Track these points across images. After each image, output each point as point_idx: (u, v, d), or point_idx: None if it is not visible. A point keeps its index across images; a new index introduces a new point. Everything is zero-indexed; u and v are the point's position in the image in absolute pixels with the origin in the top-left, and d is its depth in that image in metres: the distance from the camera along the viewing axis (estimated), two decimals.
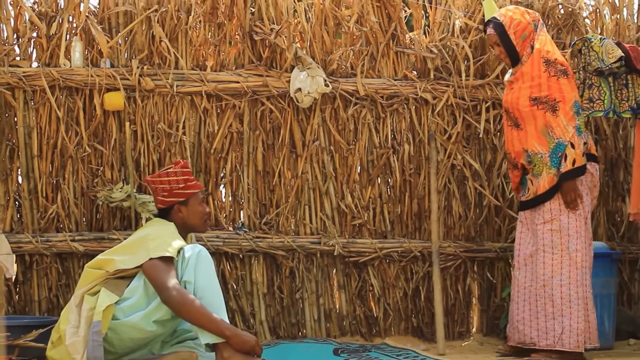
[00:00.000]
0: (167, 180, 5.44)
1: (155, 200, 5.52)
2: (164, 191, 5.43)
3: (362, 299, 6.89)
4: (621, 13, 7.24)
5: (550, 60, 6.08)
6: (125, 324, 5.06)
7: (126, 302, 5.09)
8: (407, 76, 6.91)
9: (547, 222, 6.07)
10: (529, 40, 6.13)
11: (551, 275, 6.04)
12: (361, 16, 6.86)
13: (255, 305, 6.72)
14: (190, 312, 4.98)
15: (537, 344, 6.08)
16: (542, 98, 6.03)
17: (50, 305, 6.49)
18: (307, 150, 6.78)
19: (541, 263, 6.08)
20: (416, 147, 6.94)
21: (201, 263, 5.13)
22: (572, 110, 6.00)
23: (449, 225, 6.99)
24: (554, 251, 6.05)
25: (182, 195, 5.44)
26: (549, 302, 6.05)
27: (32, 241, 6.40)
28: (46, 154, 6.49)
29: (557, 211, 6.06)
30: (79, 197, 6.53)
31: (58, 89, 6.48)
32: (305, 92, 6.58)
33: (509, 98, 6.19)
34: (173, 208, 5.44)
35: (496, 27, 6.14)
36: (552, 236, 6.06)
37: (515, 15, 6.16)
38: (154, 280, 5.04)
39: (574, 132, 5.99)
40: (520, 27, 6.12)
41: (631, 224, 7.09)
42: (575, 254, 6.04)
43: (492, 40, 6.21)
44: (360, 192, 6.87)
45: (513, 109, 6.14)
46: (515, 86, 6.16)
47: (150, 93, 6.57)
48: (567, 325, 5.99)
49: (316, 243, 6.75)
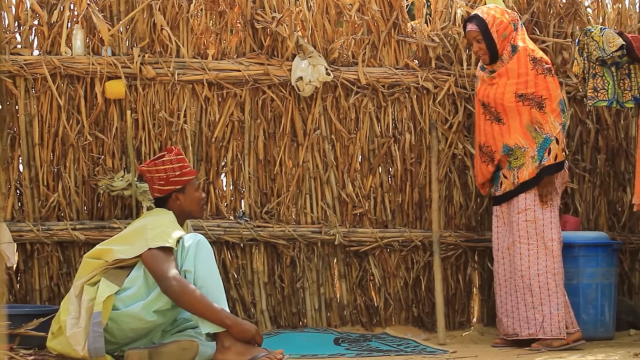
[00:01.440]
0: (164, 169, 5.43)
1: (152, 189, 5.52)
2: (160, 180, 5.42)
3: (362, 289, 6.89)
4: (623, 2, 7.24)
5: (537, 59, 6.25)
6: (126, 314, 5.06)
7: (126, 292, 5.09)
8: (409, 65, 6.90)
9: (522, 212, 6.20)
10: (508, 39, 6.27)
11: (528, 265, 6.20)
12: (363, 5, 6.85)
13: (256, 295, 6.71)
14: (190, 301, 4.98)
15: (520, 334, 6.19)
16: (529, 95, 6.20)
17: (51, 294, 6.48)
18: (308, 139, 6.77)
19: (518, 254, 6.22)
20: (417, 136, 6.94)
21: (201, 252, 5.13)
22: (558, 107, 6.19)
23: (449, 214, 6.99)
24: (530, 242, 6.21)
25: (179, 182, 5.45)
26: (527, 292, 6.19)
27: (33, 230, 6.39)
28: (47, 142, 6.48)
29: (531, 201, 6.20)
30: (80, 186, 6.52)
31: (59, 77, 6.47)
32: (306, 81, 6.57)
33: (490, 93, 6.31)
34: (171, 196, 5.46)
35: (479, 25, 6.26)
36: (527, 227, 6.22)
37: (497, 14, 6.30)
38: (153, 271, 5.04)
39: (560, 128, 6.19)
40: (502, 27, 6.26)
41: (632, 214, 7.09)
42: (551, 243, 6.18)
43: (472, 36, 6.32)
44: (361, 182, 6.87)
45: (496, 104, 6.28)
46: (499, 82, 6.28)
47: (151, 81, 6.55)
48: (547, 313, 6.13)
49: (317, 232, 6.75)
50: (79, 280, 5.18)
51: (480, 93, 6.40)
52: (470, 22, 6.32)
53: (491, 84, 6.32)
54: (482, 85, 6.40)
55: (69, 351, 5.11)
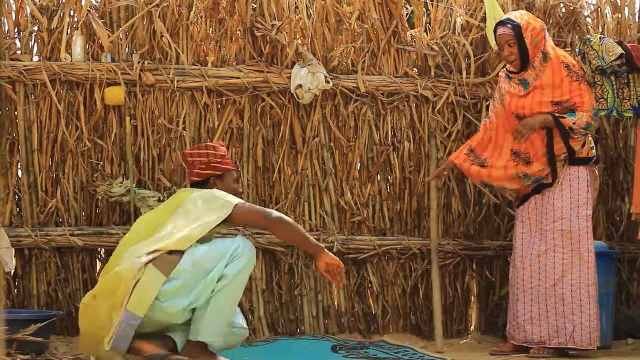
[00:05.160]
0: (206, 154, 5.61)
1: (191, 174, 5.63)
2: (201, 164, 5.56)
3: (361, 296, 6.89)
4: (623, 12, 7.24)
5: (570, 66, 6.23)
6: (163, 310, 5.04)
7: (171, 284, 5.04)
8: (408, 74, 6.91)
9: (557, 221, 6.14)
10: (539, 47, 6.20)
11: (562, 275, 6.14)
12: (363, 13, 6.86)
13: (254, 302, 6.71)
14: (290, 231, 5.34)
15: (549, 342, 6.14)
16: (564, 102, 6.18)
17: (49, 300, 6.48)
18: (307, 147, 6.77)
19: (551, 263, 6.17)
20: (416, 145, 6.94)
21: (245, 270, 5.27)
22: (591, 112, 6.18)
23: (448, 223, 6.99)
24: (565, 251, 6.16)
25: (220, 169, 5.60)
26: (559, 301, 6.14)
27: (32, 235, 6.39)
28: (46, 148, 6.49)
29: (568, 211, 6.14)
30: (79, 192, 6.53)
31: (59, 83, 6.48)
32: (306, 89, 6.57)
33: (526, 104, 6.24)
34: (209, 181, 5.58)
35: (515, 29, 6.16)
36: (562, 237, 6.17)
37: (531, 20, 6.25)
38: (250, 219, 5.33)
39: (585, 123, 6.16)
40: (535, 33, 6.19)
41: (631, 223, 7.08)
42: (587, 254, 6.15)
43: (504, 40, 6.20)
44: (360, 189, 6.87)
45: (532, 113, 6.20)
46: (535, 92, 6.21)
47: (151, 88, 6.56)
48: (578, 323, 6.09)
49: (316, 240, 6.73)
50: (142, 251, 5.15)
51: (513, 106, 6.28)
52: (503, 25, 6.21)
53: (524, 95, 6.25)
54: (512, 98, 6.30)
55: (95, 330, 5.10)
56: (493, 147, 6.41)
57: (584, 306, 6.09)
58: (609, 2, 7.29)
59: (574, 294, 6.11)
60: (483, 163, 6.37)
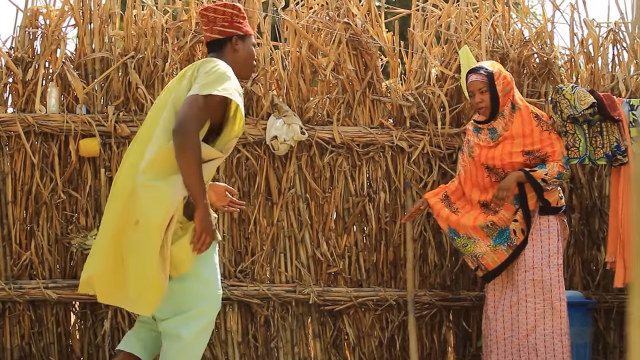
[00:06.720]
0: (230, 13, 5.06)
1: (210, 30, 5.06)
2: (224, 21, 5.03)
3: (337, 348, 6.85)
4: (596, 62, 7.29)
5: (539, 116, 6.27)
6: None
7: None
8: (383, 124, 6.92)
9: (529, 271, 6.14)
10: (509, 96, 6.24)
11: (534, 324, 6.12)
12: (338, 64, 6.88)
13: (230, 354, 6.67)
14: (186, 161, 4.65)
15: None
16: (535, 151, 6.20)
17: (22, 353, 6.42)
18: (282, 198, 6.76)
19: (523, 313, 6.14)
20: (392, 195, 6.94)
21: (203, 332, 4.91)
22: (562, 161, 6.21)
23: (424, 273, 6.98)
24: (537, 301, 6.14)
25: (242, 30, 5.07)
26: (532, 351, 6.12)
27: (5, 288, 6.34)
28: (20, 200, 6.46)
29: (538, 260, 6.13)
30: (53, 244, 6.49)
31: (33, 134, 6.47)
32: (281, 140, 6.58)
33: (496, 154, 6.26)
34: (231, 40, 5.05)
35: (487, 75, 6.19)
36: (534, 286, 6.15)
37: (501, 69, 6.29)
38: (181, 111, 4.66)
39: (557, 171, 6.18)
40: (506, 81, 6.23)
41: (606, 272, 7.08)
42: (559, 303, 6.14)
43: (476, 87, 6.22)
44: (336, 240, 6.86)
45: (504, 164, 6.22)
46: (506, 142, 6.23)
47: (126, 139, 6.55)
48: None
49: (291, 291, 6.72)
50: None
51: (482, 157, 6.29)
52: (475, 72, 6.23)
53: (493, 146, 6.27)
54: (482, 149, 6.32)
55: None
56: (464, 201, 6.43)
57: (557, 356, 6.07)
58: (582, 52, 7.35)
59: (547, 343, 6.09)
60: (455, 211, 6.37)
